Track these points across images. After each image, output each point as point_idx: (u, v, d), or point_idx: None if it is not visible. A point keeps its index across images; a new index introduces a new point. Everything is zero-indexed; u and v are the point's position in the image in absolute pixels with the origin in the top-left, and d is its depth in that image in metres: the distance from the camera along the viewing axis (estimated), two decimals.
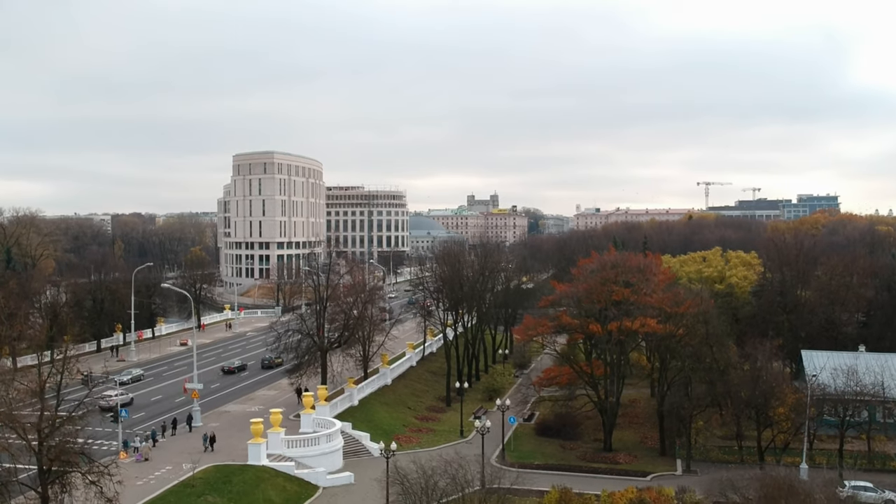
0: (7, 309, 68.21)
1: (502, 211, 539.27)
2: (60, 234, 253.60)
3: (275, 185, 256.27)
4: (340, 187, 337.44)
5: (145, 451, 69.42)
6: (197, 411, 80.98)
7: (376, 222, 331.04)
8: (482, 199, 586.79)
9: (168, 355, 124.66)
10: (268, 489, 63.26)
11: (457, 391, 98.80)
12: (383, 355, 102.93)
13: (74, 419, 47.57)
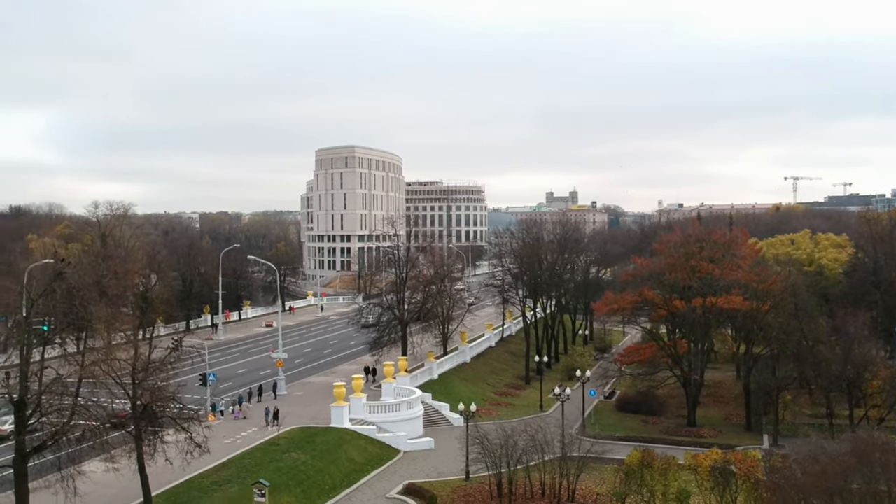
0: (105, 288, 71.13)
1: (581, 207, 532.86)
2: (151, 228, 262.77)
3: (355, 179, 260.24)
4: (420, 182, 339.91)
5: (245, 409, 72.65)
6: (282, 380, 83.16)
7: (455, 217, 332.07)
8: (561, 195, 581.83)
9: (253, 335, 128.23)
10: (350, 449, 64.47)
11: (536, 369, 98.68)
12: (462, 333, 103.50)
13: (166, 364, 49.34)
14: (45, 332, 41.13)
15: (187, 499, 50.86)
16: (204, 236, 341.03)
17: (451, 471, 62.55)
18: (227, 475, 55.47)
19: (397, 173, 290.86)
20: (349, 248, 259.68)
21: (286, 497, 53.41)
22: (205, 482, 54.01)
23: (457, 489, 58.37)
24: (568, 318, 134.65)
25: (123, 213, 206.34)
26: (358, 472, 61.59)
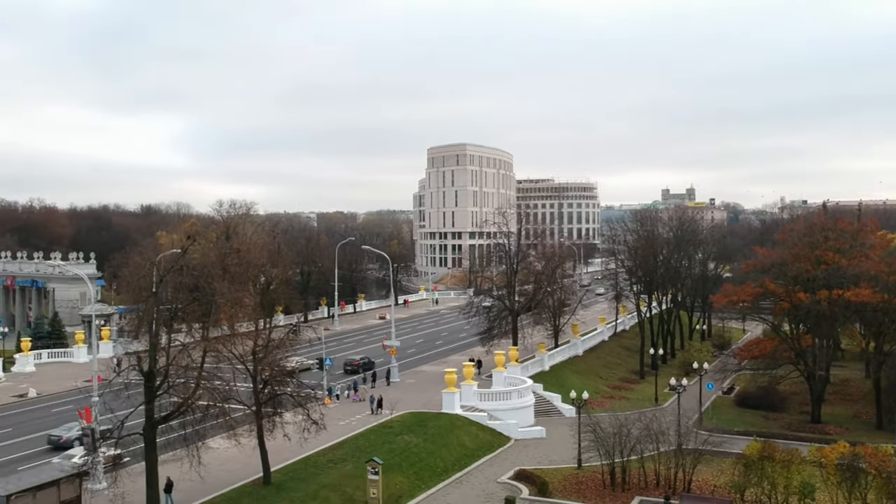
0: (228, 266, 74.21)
1: (699, 204, 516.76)
2: (271, 226, 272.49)
3: (467, 177, 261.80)
4: (531, 180, 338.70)
5: (362, 392, 74.56)
6: (395, 367, 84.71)
7: (566, 214, 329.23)
8: (677, 193, 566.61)
9: (367, 326, 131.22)
10: (461, 434, 64.90)
11: (651, 364, 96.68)
12: (574, 326, 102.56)
13: (285, 343, 51.10)
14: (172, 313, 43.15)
15: (305, 474, 52.36)
16: (320, 234, 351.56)
17: (562, 459, 62.02)
18: (342, 454, 56.90)
19: (508, 170, 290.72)
20: (460, 244, 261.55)
21: (399, 477, 54.20)
22: (321, 459, 55.59)
23: (568, 477, 57.80)
24: (685, 315, 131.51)
25: (246, 211, 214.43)
26: (469, 456, 61.88)
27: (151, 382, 40.96)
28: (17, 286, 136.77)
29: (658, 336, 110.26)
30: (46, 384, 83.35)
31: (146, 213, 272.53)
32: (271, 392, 50.28)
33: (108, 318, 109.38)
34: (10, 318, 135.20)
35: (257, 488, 49.54)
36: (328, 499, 48.79)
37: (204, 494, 47.87)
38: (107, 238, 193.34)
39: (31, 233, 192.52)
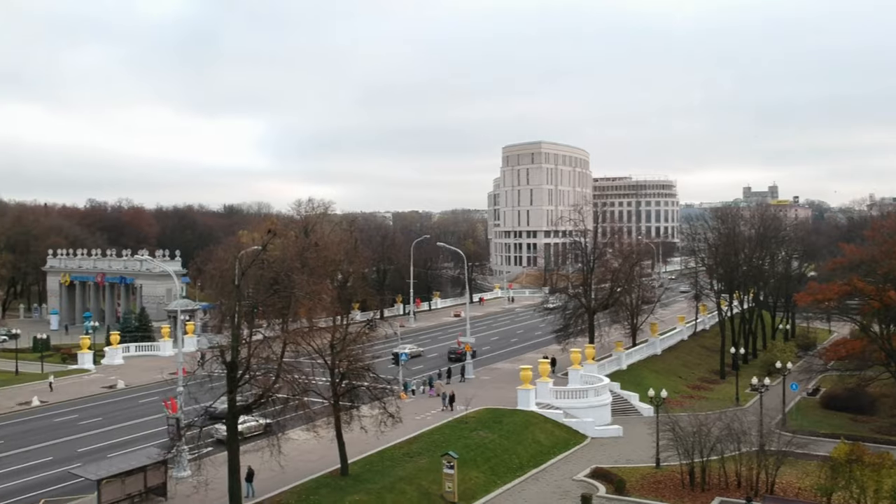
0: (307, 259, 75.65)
1: (782, 202, 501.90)
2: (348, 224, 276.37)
3: (542, 175, 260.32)
4: (607, 178, 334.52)
5: (438, 387, 74.96)
6: (469, 364, 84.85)
7: (644, 212, 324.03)
8: (759, 190, 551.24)
9: (442, 323, 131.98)
10: (536, 431, 64.58)
11: (732, 364, 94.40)
12: (653, 325, 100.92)
13: (362, 337, 51.80)
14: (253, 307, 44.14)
15: (381, 467, 52.92)
16: (396, 233, 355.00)
17: (640, 458, 61.07)
18: (417, 448, 57.31)
19: (584, 168, 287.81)
20: (535, 243, 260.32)
21: (474, 472, 54.28)
22: (397, 453, 56.09)
23: (646, 476, 56.91)
24: (767, 314, 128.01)
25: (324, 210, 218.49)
26: (544, 453, 61.55)
27: (233, 373, 42.01)
28: (106, 283, 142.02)
29: (739, 335, 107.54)
30: (134, 376, 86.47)
31: (228, 213, 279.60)
32: (348, 385, 51.00)
33: (193, 314, 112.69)
34: (100, 314, 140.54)
35: (335, 479, 50.30)
36: (404, 491, 49.18)
37: (284, 484, 48.88)
38: (191, 237, 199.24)
39: (119, 232, 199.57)
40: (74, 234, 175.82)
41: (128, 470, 45.75)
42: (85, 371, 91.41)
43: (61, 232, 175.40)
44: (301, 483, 49.46)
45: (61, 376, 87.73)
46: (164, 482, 47.60)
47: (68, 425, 66.81)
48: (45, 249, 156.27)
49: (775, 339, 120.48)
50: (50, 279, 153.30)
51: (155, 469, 47.01)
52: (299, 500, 46.43)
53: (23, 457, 57.13)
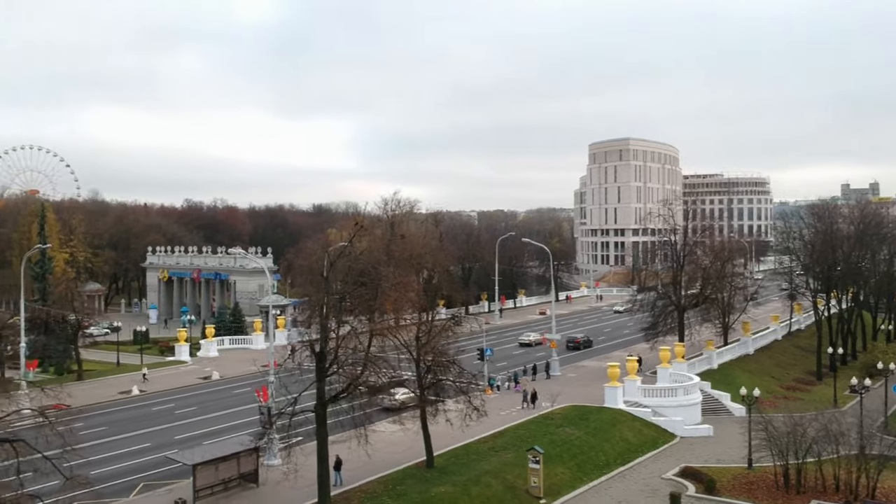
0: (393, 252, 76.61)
1: (884, 199, 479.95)
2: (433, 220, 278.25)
3: (630, 172, 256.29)
4: (698, 175, 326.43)
5: (524, 382, 74.50)
6: (555, 361, 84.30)
7: (736, 210, 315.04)
8: (859, 187, 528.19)
9: (528, 321, 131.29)
10: (624, 429, 63.67)
11: (829, 365, 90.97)
12: (745, 324, 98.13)
13: (447, 329, 52.14)
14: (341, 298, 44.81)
15: (466, 460, 53.11)
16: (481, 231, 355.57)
17: (731, 458, 59.47)
18: (502, 442, 57.33)
19: (674, 165, 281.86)
20: (623, 241, 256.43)
21: (560, 468, 53.88)
22: (482, 447, 56.21)
23: (738, 476, 55.35)
24: (868, 314, 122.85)
25: (410, 209, 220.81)
26: (632, 451, 60.63)
27: (322, 363, 42.81)
28: (202, 279, 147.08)
29: (837, 336, 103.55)
30: (228, 368, 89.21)
31: (318, 212, 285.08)
32: (434, 378, 51.36)
33: (283, 309, 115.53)
34: (196, 308, 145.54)
35: (421, 470, 50.77)
36: (489, 485, 49.22)
37: (371, 473, 49.64)
38: (282, 235, 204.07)
39: (214, 230, 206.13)
40: (172, 232, 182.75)
41: (221, 456, 47.26)
42: (182, 363, 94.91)
43: (160, 230, 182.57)
44: (388, 473, 50.13)
45: (160, 367, 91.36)
46: (255, 469, 48.96)
47: (166, 414, 69.45)
48: (145, 247, 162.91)
49: (876, 340, 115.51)
50: (149, 275, 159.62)
51: (247, 456, 48.39)
52: (386, 490, 47.06)
53: (124, 442, 59.67)
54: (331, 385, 44.41)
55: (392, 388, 53.02)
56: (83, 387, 78.28)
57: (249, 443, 48.05)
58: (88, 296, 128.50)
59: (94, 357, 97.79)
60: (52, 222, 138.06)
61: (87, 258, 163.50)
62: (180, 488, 47.08)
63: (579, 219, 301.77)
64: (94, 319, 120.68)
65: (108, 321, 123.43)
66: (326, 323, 42.76)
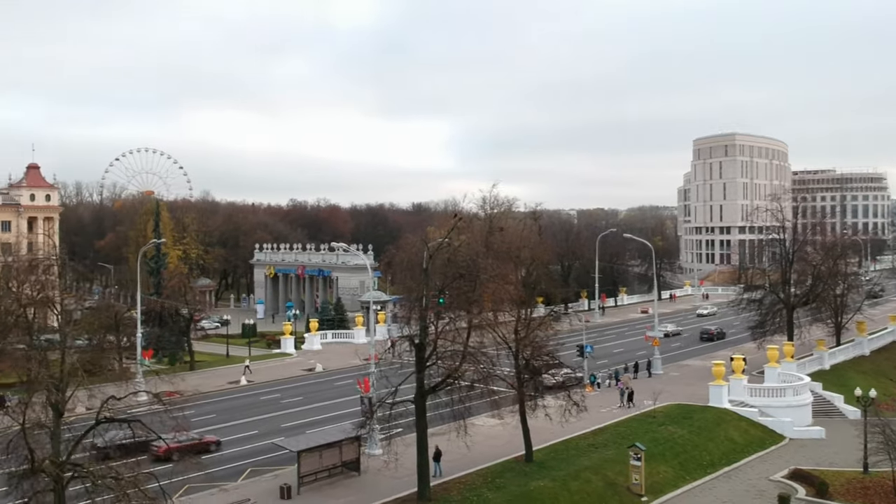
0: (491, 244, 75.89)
1: None
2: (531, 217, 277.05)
3: (736, 168, 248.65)
4: (808, 171, 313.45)
5: (626, 380, 73.54)
6: (657, 359, 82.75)
7: (850, 207, 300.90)
8: None
9: (629, 320, 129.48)
10: (729, 429, 61.93)
11: None
12: (860, 323, 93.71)
13: (547, 323, 51.95)
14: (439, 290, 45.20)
15: (566, 455, 52.75)
16: (581, 229, 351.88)
17: (844, 462, 56.99)
18: (602, 439, 56.68)
19: (782, 160, 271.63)
20: (728, 239, 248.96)
21: (662, 466, 52.84)
22: (582, 443, 55.75)
23: (852, 481, 52.94)
24: None
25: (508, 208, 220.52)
26: (738, 452, 58.85)
27: (422, 353, 43.38)
28: (306, 275, 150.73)
29: None
30: (331, 361, 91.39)
31: (417, 211, 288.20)
32: (533, 370, 51.19)
33: (384, 305, 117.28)
34: (301, 304, 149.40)
35: (520, 464, 50.75)
36: (589, 480, 48.75)
37: (470, 466, 49.98)
38: (382, 233, 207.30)
39: (317, 228, 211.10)
40: (278, 231, 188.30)
41: (325, 444, 48.48)
42: (287, 355, 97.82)
43: (266, 228, 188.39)
44: (486, 466, 50.36)
45: (266, 359, 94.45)
46: (357, 457, 49.99)
47: (272, 403, 71.72)
48: (252, 244, 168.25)
49: None
50: (256, 271, 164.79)
51: (349, 444, 49.46)
52: (485, 482, 47.23)
53: (232, 429, 61.93)
54: (429, 379, 44.98)
55: (553, 369, 53.52)
56: (194, 376, 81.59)
57: (351, 431, 49.05)
58: (200, 291, 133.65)
59: (205, 349, 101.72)
60: (165, 220, 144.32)
61: (198, 255, 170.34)
62: (285, 474, 48.53)
63: (683, 216, 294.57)
64: (206, 313, 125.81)
65: (219, 315, 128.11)
66: (426, 315, 43.26)
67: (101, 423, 31.70)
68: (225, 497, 43.02)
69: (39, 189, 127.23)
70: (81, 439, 31.81)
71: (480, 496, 44.90)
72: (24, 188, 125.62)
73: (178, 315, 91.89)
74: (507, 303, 46.61)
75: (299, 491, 45.73)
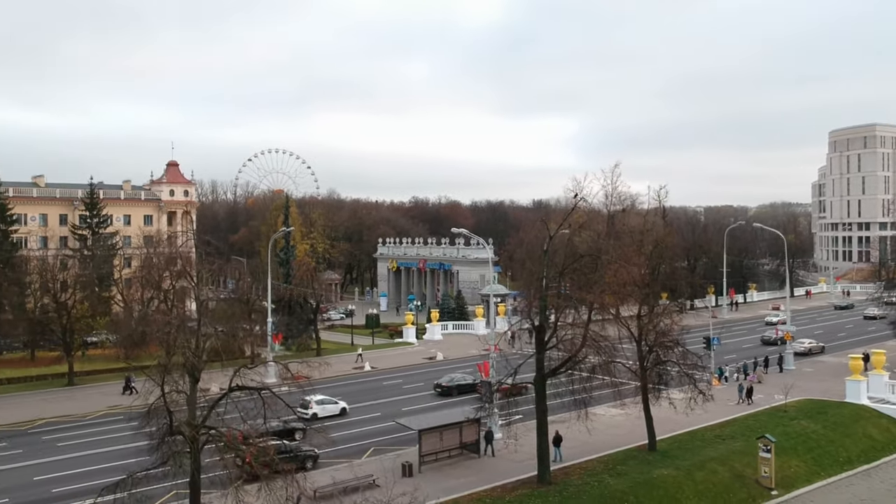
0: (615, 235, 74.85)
1: None
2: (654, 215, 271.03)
3: (876, 161, 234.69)
4: None
5: (759, 374, 71.64)
6: (789, 354, 79.36)
7: None
8: None
9: (758, 316, 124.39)
10: (868, 426, 58.63)
11: None
12: None
13: (670, 310, 50.72)
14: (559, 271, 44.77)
15: (691, 446, 51.36)
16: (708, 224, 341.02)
17: None
18: (730, 431, 54.93)
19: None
20: (867, 236, 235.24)
21: (794, 461, 50.63)
22: (708, 434, 54.20)
23: None
24: None
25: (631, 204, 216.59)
26: (877, 450, 55.59)
27: (541, 334, 43.19)
28: (427, 268, 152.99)
29: None
30: (451, 350, 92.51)
31: (537, 207, 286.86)
32: (656, 358, 50.10)
33: (504, 298, 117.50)
34: (422, 296, 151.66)
35: (642, 453, 49.79)
36: (715, 471, 47.27)
37: (590, 452, 49.51)
38: (502, 229, 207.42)
39: (438, 224, 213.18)
40: (400, 226, 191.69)
41: (445, 424, 49.05)
42: (409, 344, 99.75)
43: (389, 223, 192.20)
44: (608, 454, 49.70)
45: (389, 348, 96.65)
46: (477, 440, 50.30)
47: (394, 388, 73.25)
48: (376, 239, 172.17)
49: None
50: (380, 265, 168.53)
51: (469, 426, 49.82)
52: (606, 469, 46.59)
53: (356, 411, 63.68)
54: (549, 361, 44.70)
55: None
56: (321, 362, 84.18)
57: (472, 413, 49.39)
58: (326, 284, 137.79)
59: (331, 338, 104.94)
60: (294, 215, 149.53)
61: (325, 249, 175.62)
62: (407, 454, 49.38)
63: (817, 213, 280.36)
64: (332, 304, 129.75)
65: (344, 307, 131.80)
66: (546, 295, 43.05)
67: (234, 391, 33.23)
68: (350, 472, 44.21)
69: (178, 185, 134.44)
70: (215, 405, 33.42)
71: (601, 482, 44.30)
72: (164, 184, 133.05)
73: (305, 303, 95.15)
74: (630, 286, 45.54)
75: (420, 469, 46.45)
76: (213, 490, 36.87)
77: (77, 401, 69.91)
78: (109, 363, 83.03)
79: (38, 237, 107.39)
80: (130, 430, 41.96)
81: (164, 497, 39.95)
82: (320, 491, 40.77)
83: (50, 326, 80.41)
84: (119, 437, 53.39)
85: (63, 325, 77.63)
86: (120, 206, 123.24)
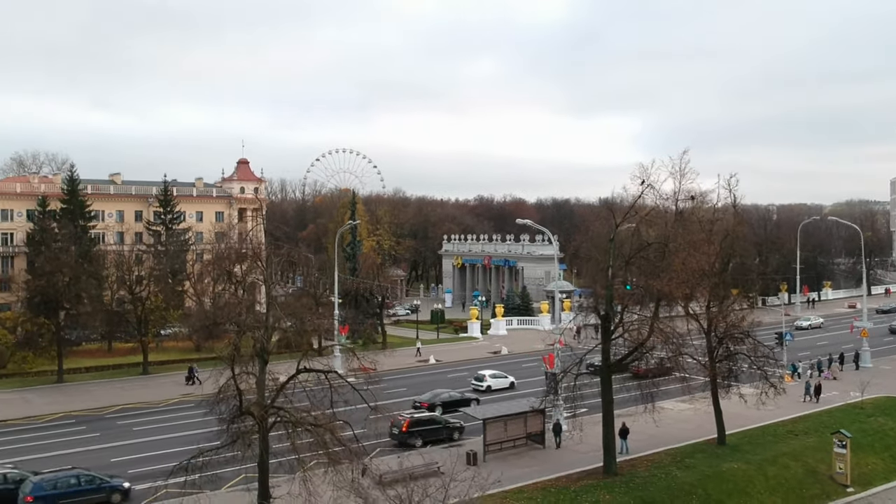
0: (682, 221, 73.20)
1: None
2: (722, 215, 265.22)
3: None
4: None
5: (834, 370, 70.56)
6: (866, 351, 76.92)
7: None
8: None
9: (833, 314, 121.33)
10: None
11: None
12: None
13: (740, 300, 49.66)
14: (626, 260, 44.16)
15: (762, 440, 50.19)
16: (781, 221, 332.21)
17: None
18: (803, 427, 53.67)
19: None
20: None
21: (871, 458, 49.05)
22: (779, 429, 53.01)
23: None
24: None
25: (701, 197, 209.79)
26: None
27: (607, 323, 42.73)
28: (492, 265, 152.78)
29: None
30: (515, 345, 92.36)
31: (603, 205, 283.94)
32: (726, 350, 49.08)
33: (569, 295, 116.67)
34: (487, 293, 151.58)
35: (711, 447, 48.89)
36: (788, 466, 46.11)
37: (657, 445, 48.89)
38: (568, 226, 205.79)
39: (503, 221, 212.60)
40: (465, 223, 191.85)
41: (510, 414, 49.00)
42: (473, 339, 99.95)
43: (454, 220, 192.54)
44: (675, 447, 48.93)
45: (454, 342, 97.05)
46: (542, 430, 50.10)
47: (459, 381, 73.28)
48: (441, 236, 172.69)
49: None
50: (444, 262, 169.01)
51: (534, 417, 49.66)
52: (674, 461, 45.87)
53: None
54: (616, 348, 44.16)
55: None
56: (387, 355, 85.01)
57: (537, 403, 49.15)
58: (391, 280, 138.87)
59: (397, 333, 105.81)
60: (360, 212, 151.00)
61: (391, 246, 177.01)
62: (472, 443, 49.42)
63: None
64: (398, 300, 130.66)
65: (410, 302, 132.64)
66: (612, 284, 42.57)
67: (301, 373, 33.81)
68: (416, 460, 44.43)
69: (248, 182, 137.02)
70: (284, 387, 34.04)
71: (669, 474, 43.60)
72: (234, 181, 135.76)
73: (371, 297, 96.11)
74: (699, 275, 44.56)
75: (485, 458, 46.42)
76: (280, 474, 37.50)
77: (151, 389, 72.09)
78: (182, 354, 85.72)
79: (114, 232, 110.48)
80: (201, 417, 43.09)
81: (234, 480, 40.82)
82: (386, 476, 41.13)
83: (126, 318, 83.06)
84: (190, 423, 54.95)
85: (138, 316, 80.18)
86: (192, 203, 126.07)
